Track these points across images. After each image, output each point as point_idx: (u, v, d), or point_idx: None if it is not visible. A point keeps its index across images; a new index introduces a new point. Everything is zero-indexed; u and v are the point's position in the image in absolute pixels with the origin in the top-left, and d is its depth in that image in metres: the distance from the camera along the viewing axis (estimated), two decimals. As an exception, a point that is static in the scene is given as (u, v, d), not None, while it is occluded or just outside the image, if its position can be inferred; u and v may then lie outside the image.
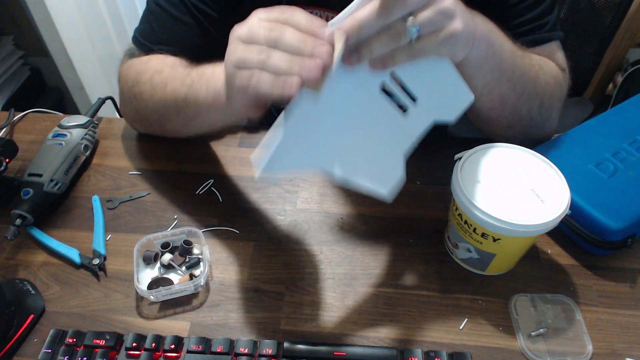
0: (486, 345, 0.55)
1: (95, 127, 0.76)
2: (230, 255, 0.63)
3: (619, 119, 0.70)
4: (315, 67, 0.40)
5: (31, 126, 0.81)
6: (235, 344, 0.53)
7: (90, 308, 0.58)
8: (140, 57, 0.70)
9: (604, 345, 0.55)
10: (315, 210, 0.68)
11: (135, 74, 0.68)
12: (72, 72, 1.51)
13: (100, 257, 0.61)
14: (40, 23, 1.38)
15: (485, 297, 0.59)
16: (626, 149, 0.65)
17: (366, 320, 0.57)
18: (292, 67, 0.41)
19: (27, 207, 0.63)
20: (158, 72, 0.64)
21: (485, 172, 0.56)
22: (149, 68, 0.66)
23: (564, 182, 0.54)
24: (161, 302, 0.58)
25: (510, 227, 0.51)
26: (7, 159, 0.65)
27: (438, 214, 0.67)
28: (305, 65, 0.40)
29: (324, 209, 0.68)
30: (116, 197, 0.70)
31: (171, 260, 0.61)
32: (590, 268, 0.62)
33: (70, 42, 1.45)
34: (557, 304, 0.58)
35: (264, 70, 0.42)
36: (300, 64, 0.41)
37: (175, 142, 0.78)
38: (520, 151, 0.58)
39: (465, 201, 0.53)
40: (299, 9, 0.43)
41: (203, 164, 0.74)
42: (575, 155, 0.65)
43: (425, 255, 0.63)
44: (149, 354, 0.52)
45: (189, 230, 0.63)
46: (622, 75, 1.34)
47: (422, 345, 0.55)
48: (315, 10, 0.70)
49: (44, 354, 0.52)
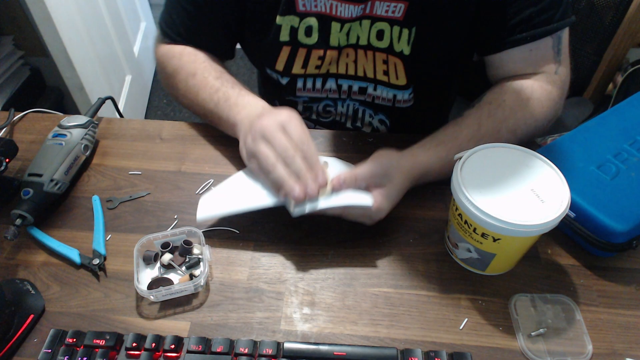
0: (486, 345, 0.55)
1: (95, 127, 0.76)
2: (230, 255, 0.63)
3: (618, 120, 0.70)
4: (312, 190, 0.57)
5: (31, 126, 0.81)
6: (235, 344, 0.53)
7: (90, 308, 0.58)
8: (173, 46, 0.77)
9: (604, 345, 0.55)
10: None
11: (172, 69, 0.76)
12: (72, 72, 1.51)
13: (100, 257, 0.61)
14: (40, 23, 1.37)
15: (485, 297, 0.59)
16: (627, 149, 0.65)
17: (366, 320, 0.57)
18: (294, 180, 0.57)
19: (27, 207, 0.63)
20: (192, 75, 0.73)
21: (485, 172, 0.56)
22: (183, 67, 0.74)
23: (564, 182, 0.54)
24: (161, 302, 0.58)
25: (510, 227, 0.51)
26: (7, 159, 0.65)
27: (438, 214, 0.67)
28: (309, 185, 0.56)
29: (324, 209, 0.68)
30: (116, 197, 0.70)
31: (171, 260, 0.61)
32: (591, 268, 0.62)
33: (70, 42, 1.45)
34: (557, 304, 0.58)
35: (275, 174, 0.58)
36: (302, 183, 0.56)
37: (175, 142, 0.78)
38: (520, 151, 0.58)
39: (465, 201, 0.53)
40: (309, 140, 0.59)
41: (203, 164, 0.74)
42: (577, 157, 0.65)
43: (425, 255, 0.63)
44: (149, 354, 0.52)
45: (189, 230, 0.63)
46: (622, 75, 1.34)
47: (422, 345, 0.55)
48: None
49: (44, 354, 0.52)
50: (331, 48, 0.74)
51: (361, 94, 0.80)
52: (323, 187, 0.57)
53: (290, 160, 0.56)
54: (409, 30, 0.70)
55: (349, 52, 0.75)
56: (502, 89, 0.70)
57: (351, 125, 0.86)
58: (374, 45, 0.73)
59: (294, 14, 0.71)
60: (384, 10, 0.69)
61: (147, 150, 0.77)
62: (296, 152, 0.57)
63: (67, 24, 1.45)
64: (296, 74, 0.77)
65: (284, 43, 0.74)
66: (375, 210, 0.60)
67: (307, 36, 0.72)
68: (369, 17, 0.70)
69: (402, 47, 0.72)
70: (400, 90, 0.78)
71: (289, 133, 0.58)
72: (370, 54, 0.74)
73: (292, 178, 0.56)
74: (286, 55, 0.75)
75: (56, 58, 1.47)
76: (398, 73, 0.75)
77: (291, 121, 0.59)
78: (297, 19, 0.71)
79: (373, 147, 0.77)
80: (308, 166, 0.57)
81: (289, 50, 0.75)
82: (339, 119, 0.86)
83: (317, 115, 0.86)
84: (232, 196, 0.64)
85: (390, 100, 0.80)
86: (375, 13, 0.70)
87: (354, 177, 0.59)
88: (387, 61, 0.74)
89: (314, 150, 0.58)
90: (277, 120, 0.59)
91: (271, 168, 0.57)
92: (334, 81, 0.79)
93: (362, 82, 0.79)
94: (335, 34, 0.72)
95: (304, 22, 0.71)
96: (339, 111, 0.84)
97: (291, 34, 0.73)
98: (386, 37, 0.71)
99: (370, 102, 0.82)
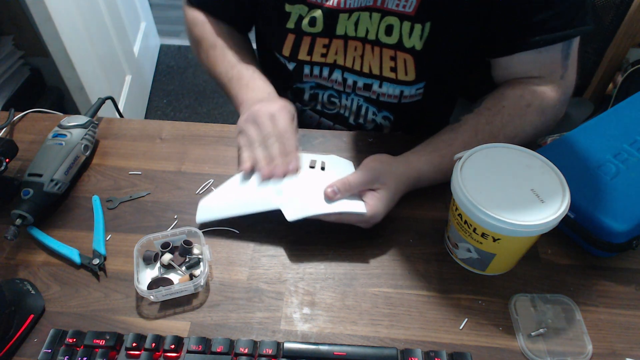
0: (486, 345, 0.55)
1: (95, 127, 0.76)
2: (230, 255, 0.63)
3: (618, 120, 0.70)
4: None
5: (31, 126, 0.81)
6: (235, 344, 0.53)
7: (90, 308, 0.58)
8: (198, 14, 0.83)
9: (604, 345, 0.55)
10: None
11: (196, 36, 0.83)
12: (72, 72, 1.51)
13: (100, 257, 0.61)
14: (40, 23, 1.37)
15: (485, 297, 0.59)
16: (627, 149, 0.65)
17: (366, 320, 0.57)
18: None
19: (27, 207, 0.63)
20: (213, 47, 0.81)
21: (485, 172, 0.56)
22: (205, 37, 0.82)
23: (564, 182, 0.54)
24: (161, 302, 0.58)
25: (510, 227, 0.51)
26: (7, 159, 0.66)
27: (438, 214, 0.67)
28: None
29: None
30: (116, 197, 0.70)
31: (171, 260, 0.61)
32: (590, 268, 0.62)
33: (70, 42, 1.45)
34: (557, 304, 0.58)
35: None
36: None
37: (175, 142, 0.78)
38: (520, 151, 0.58)
39: (465, 201, 0.53)
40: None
41: (203, 164, 0.74)
42: (577, 157, 0.65)
43: (425, 255, 0.63)
44: (149, 354, 0.52)
45: (189, 230, 0.63)
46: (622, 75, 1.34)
47: (422, 345, 0.55)
48: None
49: (44, 354, 0.52)
50: (337, 37, 0.74)
51: (366, 90, 0.81)
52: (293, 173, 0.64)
53: (270, 144, 0.65)
54: (421, 25, 0.69)
55: (357, 46, 0.75)
56: (502, 95, 0.70)
57: (354, 122, 0.87)
58: (382, 41, 0.73)
59: (303, 3, 0.73)
60: (394, 3, 0.69)
61: (147, 150, 0.77)
62: (277, 139, 0.64)
63: (67, 24, 1.45)
64: (302, 60, 0.79)
65: (289, 30, 0.75)
66: (370, 215, 0.61)
67: (311, 26, 0.73)
68: (379, 10, 0.70)
69: (414, 43, 0.71)
70: (408, 86, 0.78)
71: (276, 123, 0.65)
72: (377, 50, 0.74)
73: (266, 160, 0.64)
74: (291, 42, 0.77)
75: (56, 58, 1.47)
76: (407, 69, 0.75)
77: (281, 113, 0.66)
78: (305, 8, 0.73)
79: (373, 147, 0.77)
80: (283, 152, 0.64)
81: (293, 38, 0.76)
82: (342, 112, 0.86)
83: (322, 106, 0.87)
84: (231, 199, 0.65)
85: (397, 96, 0.80)
86: (386, 6, 0.70)
87: (348, 185, 0.61)
88: (396, 57, 0.74)
89: (293, 141, 0.65)
90: (270, 110, 0.67)
91: (252, 146, 0.66)
92: (340, 73, 0.80)
93: (368, 79, 0.79)
94: (342, 23, 0.72)
95: (310, 13, 0.73)
96: (343, 103, 0.85)
97: (297, 23, 0.74)
98: (395, 32, 0.71)
99: (375, 100, 0.82)
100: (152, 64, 2.30)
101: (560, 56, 0.69)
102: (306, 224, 0.66)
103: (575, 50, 0.70)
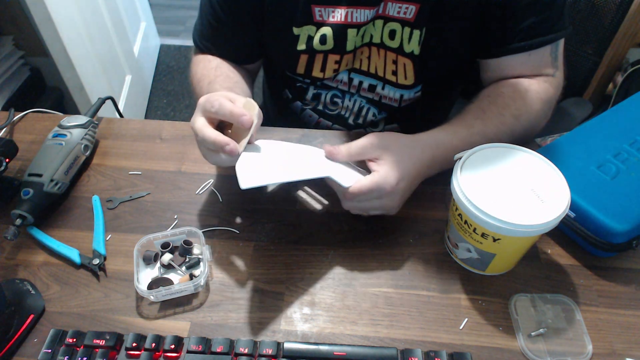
0: (486, 345, 0.55)
1: (95, 127, 0.76)
2: (230, 255, 0.63)
3: (618, 119, 0.70)
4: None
5: (31, 126, 0.81)
6: (235, 344, 0.53)
7: (90, 308, 0.58)
8: (202, 56, 0.81)
9: (604, 345, 0.55)
10: (315, 210, 0.68)
11: (191, 73, 0.80)
12: (72, 72, 1.51)
13: (100, 257, 0.61)
14: (40, 23, 1.37)
15: (485, 297, 0.59)
16: (627, 149, 0.65)
17: (366, 320, 0.57)
18: None
19: (27, 207, 0.63)
20: (203, 79, 0.76)
21: (485, 172, 0.56)
22: (199, 71, 0.78)
23: (564, 182, 0.54)
24: (161, 302, 0.58)
25: (510, 227, 0.51)
26: (7, 159, 0.66)
27: (438, 214, 0.67)
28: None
29: (324, 209, 0.68)
30: (116, 197, 0.70)
31: (171, 260, 0.61)
32: (591, 268, 0.62)
33: (70, 42, 1.45)
34: (557, 304, 0.58)
35: None
36: None
37: (175, 142, 0.78)
38: (520, 151, 0.58)
39: (465, 201, 0.53)
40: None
41: (203, 164, 0.74)
42: (577, 157, 0.65)
43: (425, 255, 0.63)
44: (149, 354, 0.52)
45: (189, 230, 0.63)
46: (622, 75, 1.34)
47: (422, 345, 0.55)
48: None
49: (44, 354, 0.52)
50: (347, 52, 0.76)
51: (370, 91, 0.82)
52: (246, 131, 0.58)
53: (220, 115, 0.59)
54: (420, 31, 0.71)
55: (363, 50, 0.77)
56: (498, 84, 0.72)
57: (353, 122, 0.87)
58: (386, 44, 0.75)
59: (311, 24, 0.73)
60: (395, 11, 0.71)
61: (147, 150, 0.77)
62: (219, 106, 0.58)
63: (67, 24, 1.45)
64: (316, 77, 0.80)
65: (301, 52, 0.76)
66: (382, 182, 0.58)
67: (322, 44, 0.74)
68: (382, 18, 0.72)
69: (413, 48, 0.73)
70: (407, 90, 0.80)
71: (213, 102, 0.59)
72: (382, 52, 0.76)
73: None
74: (305, 62, 0.78)
75: (56, 58, 1.47)
76: (407, 73, 0.76)
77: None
78: (313, 28, 0.74)
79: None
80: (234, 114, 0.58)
81: (307, 58, 0.77)
82: (343, 113, 0.87)
83: (324, 106, 0.87)
84: (274, 165, 0.60)
85: (397, 100, 0.81)
86: (388, 13, 0.72)
87: (347, 149, 0.61)
88: (397, 61, 0.76)
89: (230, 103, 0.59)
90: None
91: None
92: (347, 73, 0.81)
93: (373, 80, 0.81)
94: (352, 40, 0.74)
95: (319, 31, 0.73)
96: (345, 104, 0.85)
97: (307, 43, 0.75)
98: (397, 37, 0.73)
99: (377, 101, 0.83)
100: (152, 64, 2.30)
101: (549, 59, 0.73)
102: (306, 224, 0.66)
103: (561, 52, 0.73)
